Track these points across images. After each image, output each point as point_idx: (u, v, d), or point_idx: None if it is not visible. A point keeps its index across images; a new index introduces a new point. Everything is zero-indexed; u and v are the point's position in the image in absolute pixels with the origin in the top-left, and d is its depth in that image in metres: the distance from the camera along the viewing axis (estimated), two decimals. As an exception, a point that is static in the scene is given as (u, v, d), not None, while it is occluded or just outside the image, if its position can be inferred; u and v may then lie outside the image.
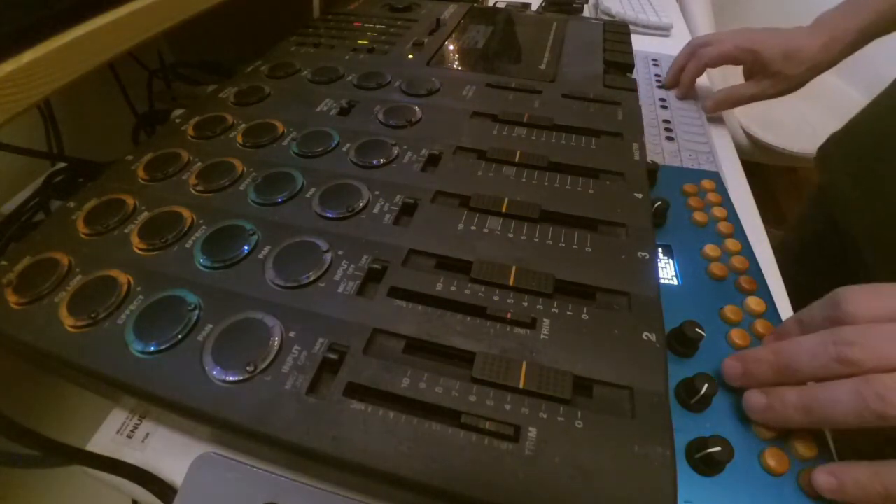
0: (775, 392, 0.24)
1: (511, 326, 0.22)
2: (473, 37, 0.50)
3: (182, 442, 0.25)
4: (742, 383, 0.25)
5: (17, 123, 0.26)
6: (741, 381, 0.25)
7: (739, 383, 0.25)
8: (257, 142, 0.33)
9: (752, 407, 0.24)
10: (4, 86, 0.25)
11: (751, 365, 0.25)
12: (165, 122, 0.39)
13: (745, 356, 0.26)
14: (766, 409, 0.24)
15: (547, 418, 0.19)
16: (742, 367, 0.25)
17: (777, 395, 0.24)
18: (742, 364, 0.25)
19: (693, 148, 0.45)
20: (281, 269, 0.24)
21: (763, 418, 0.24)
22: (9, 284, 0.23)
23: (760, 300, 0.30)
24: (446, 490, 0.17)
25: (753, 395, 0.24)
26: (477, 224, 0.26)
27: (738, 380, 0.25)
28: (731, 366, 0.26)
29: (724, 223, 0.35)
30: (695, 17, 0.86)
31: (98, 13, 0.30)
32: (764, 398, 0.24)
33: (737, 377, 0.25)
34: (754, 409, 0.24)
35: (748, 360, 0.25)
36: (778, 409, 0.23)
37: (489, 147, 0.32)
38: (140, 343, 0.21)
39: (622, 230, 0.27)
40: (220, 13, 0.40)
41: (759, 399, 0.24)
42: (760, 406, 0.24)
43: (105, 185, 0.29)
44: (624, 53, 0.46)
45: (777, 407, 0.23)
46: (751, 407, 0.24)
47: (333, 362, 0.20)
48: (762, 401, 0.24)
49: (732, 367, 0.26)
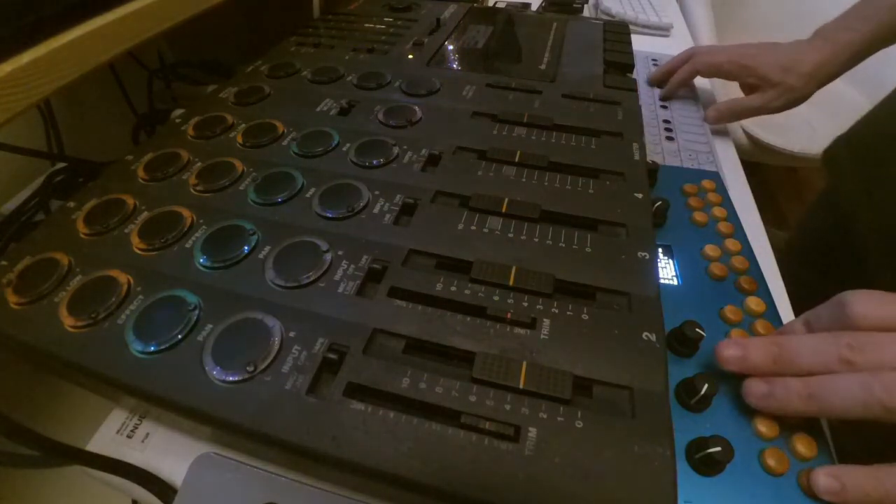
0: (777, 380, 0.23)
1: (511, 326, 0.22)
2: (473, 37, 0.50)
3: (182, 442, 0.25)
4: (738, 368, 0.25)
5: (17, 123, 0.26)
6: (738, 364, 0.25)
7: (736, 368, 0.25)
8: (257, 142, 0.33)
9: (752, 393, 0.24)
10: (4, 86, 0.25)
11: (751, 351, 0.25)
12: (165, 122, 0.39)
13: (745, 342, 0.25)
14: (767, 396, 0.24)
15: (547, 418, 0.19)
16: (742, 351, 0.25)
17: (779, 383, 0.23)
18: (742, 349, 0.25)
19: (693, 148, 0.45)
20: (281, 269, 0.24)
21: (763, 405, 0.24)
22: (9, 284, 0.23)
23: (760, 300, 0.30)
24: (446, 490, 0.17)
25: (754, 382, 0.24)
26: (477, 224, 0.26)
27: (735, 363, 0.25)
28: (728, 347, 0.25)
29: (724, 223, 0.35)
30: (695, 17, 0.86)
31: (98, 13, 0.30)
32: (765, 385, 0.24)
33: (735, 360, 0.25)
34: (755, 395, 0.24)
35: (749, 346, 0.25)
36: (779, 397, 0.23)
37: (489, 147, 0.32)
38: (140, 343, 0.21)
39: (622, 230, 0.27)
40: (220, 13, 0.40)
41: (759, 386, 0.24)
42: (761, 392, 0.24)
43: (105, 185, 0.29)
44: (624, 53, 0.46)
45: (779, 394, 0.23)
46: (751, 393, 0.24)
47: (333, 362, 0.20)
48: (763, 388, 0.24)
49: (730, 350, 0.25)
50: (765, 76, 0.46)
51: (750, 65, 0.46)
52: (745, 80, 0.48)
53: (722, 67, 0.48)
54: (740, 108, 0.48)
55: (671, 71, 0.52)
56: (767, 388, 0.24)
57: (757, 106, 0.47)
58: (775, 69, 0.45)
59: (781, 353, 0.24)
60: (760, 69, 0.46)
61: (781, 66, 0.45)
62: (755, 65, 0.46)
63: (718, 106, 0.49)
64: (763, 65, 0.46)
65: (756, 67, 0.46)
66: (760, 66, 0.46)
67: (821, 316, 0.25)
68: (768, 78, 0.45)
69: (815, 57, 0.44)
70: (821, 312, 0.25)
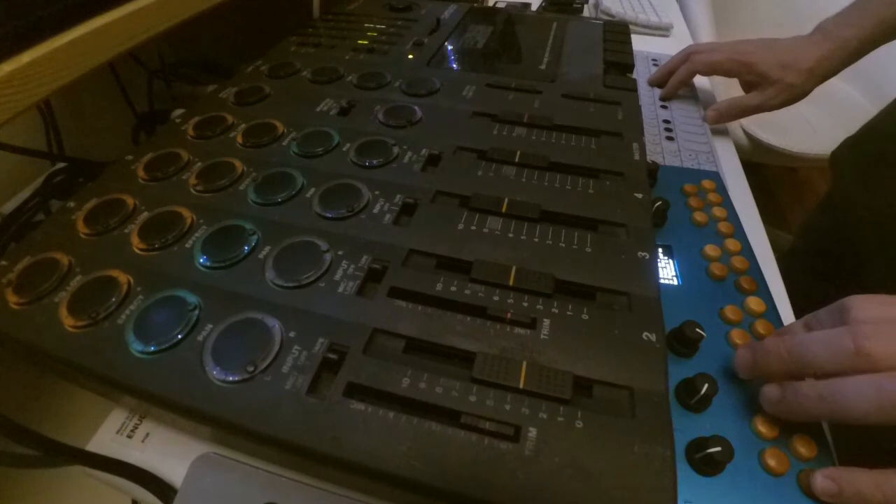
0: (791, 384, 0.24)
1: (511, 326, 0.22)
2: (473, 37, 0.50)
3: (182, 442, 0.25)
4: (752, 374, 0.25)
5: (17, 123, 0.26)
6: (752, 371, 0.25)
7: (749, 374, 0.25)
8: (257, 142, 0.33)
9: (767, 398, 0.24)
10: (4, 86, 0.25)
11: (761, 355, 0.25)
12: (165, 122, 0.39)
13: (755, 346, 0.25)
14: (780, 401, 0.24)
15: (547, 418, 0.19)
16: (752, 356, 0.25)
17: (792, 386, 0.23)
18: (752, 354, 0.25)
19: (693, 148, 0.45)
20: (281, 268, 0.24)
21: (778, 410, 0.24)
22: (9, 284, 0.23)
23: (760, 300, 0.30)
24: (446, 490, 0.17)
25: (769, 387, 0.24)
26: (477, 224, 0.26)
27: (748, 370, 0.25)
28: (743, 356, 0.26)
29: (724, 223, 0.35)
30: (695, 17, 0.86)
31: (98, 13, 0.30)
32: (779, 389, 0.24)
33: (747, 367, 0.25)
34: (770, 400, 0.24)
35: (758, 350, 0.25)
36: (792, 400, 0.23)
37: (489, 147, 0.32)
38: (140, 343, 0.21)
39: (622, 230, 0.27)
40: (220, 13, 0.40)
41: (774, 390, 0.24)
42: (776, 397, 0.24)
43: (105, 185, 0.29)
44: (624, 53, 0.46)
45: (791, 398, 0.23)
46: (767, 398, 0.24)
47: (333, 362, 0.20)
48: (777, 392, 0.24)
49: (745, 357, 0.25)
50: (764, 73, 0.45)
51: (749, 62, 0.46)
52: (745, 78, 0.48)
53: (721, 66, 0.48)
54: (740, 107, 0.48)
55: (671, 71, 0.51)
56: (779, 393, 0.24)
57: (756, 104, 0.47)
58: (774, 66, 0.45)
59: (792, 353, 0.23)
60: (759, 66, 0.45)
61: (780, 63, 0.45)
62: (754, 62, 0.46)
63: (718, 106, 0.49)
64: (762, 62, 0.45)
65: (755, 64, 0.46)
66: (759, 63, 0.45)
67: (822, 319, 0.25)
68: (767, 75, 0.45)
69: (815, 53, 0.44)
70: (822, 316, 0.25)
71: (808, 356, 0.23)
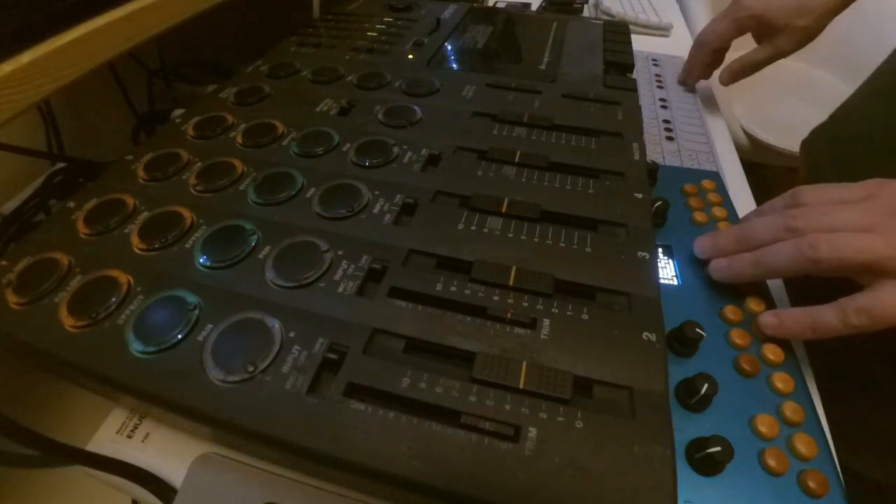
0: (734, 256, 0.30)
1: (511, 326, 0.22)
2: (473, 37, 0.50)
3: (182, 442, 0.25)
4: (710, 255, 0.31)
5: (17, 123, 0.26)
6: (711, 251, 0.31)
7: (708, 255, 0.31)
8: (257, 142, 0.33)
9: (716, 267, 0.30)
10: (4, 86, 0.25)
11: (719, 238, 0.31)
12: (165, 122, 0.39)
13: (715, 233, 0.32)
14: (726, 268, 0.30)
15: (547, 418, 0.19)
16: (712, 240, 0.32)
17: (735, 257, 0.30)
18: (713, 238, 0.32)
19: (693, 148, 0.45)
20: (281, 269, 0.24)
21: (724, 276, 0.30)
22: (9, 284, 0.23)
23: (760, 300, 0.30)
24: (446, 490, 0.17)
25: (718, 260, 0.31)
26: (477, 224, 0.26)
27: (708, 250, 0.31)
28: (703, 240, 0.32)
29: (724, 223, 0.35)
30: (695, 17, 0.86)
31: (98, 13, 0.30)
32: (725, 261, 0.30)
33: (707, 248, 0.31)
34: (718, 268, 0.30)
35: (717, 235, 0.32)
36: (735, 267, 0.29)
37: (489, 147, 0.32)
38: (140, 343, 0.21)
39: (622, 230, 0.27)
40: (220, 13, 0.40)
41: (721, 262, 0.30)
42: (723, 265, 0.30)
43: (105, 185, 0.29)
44: (624, 53, 0.46)
45: (735, 265, 0.29)
46: (715, 268, 0.30)
47: (333, 362, 0.20)
48: (724, 262, 0.30)
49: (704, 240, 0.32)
50: (772, 23, 0.46)
51: (759, 13, 0.46)
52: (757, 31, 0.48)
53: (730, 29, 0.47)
54: (753, 62, 0.48)
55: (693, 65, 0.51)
56: (727, 262, 0.30)
57: (769, 55, 0.47)
58: (782, 12, 0.45)
59: (741, 234, 0.30)
60: (769, 14, 0.45)
61: (786, 8, 0.45)
62: (763, 12, 0.46)
63: (730, 66, 0.48)
64: (771, 10, 0.45)
65: (764, 14, 0.46)
66: (768, 11, 0.45)
67: (774, 204, 0.31)
68: (775, 23, 0.45)
69: None
70: (775, 201, 0.31)
71: (754, 235, 0.29)
